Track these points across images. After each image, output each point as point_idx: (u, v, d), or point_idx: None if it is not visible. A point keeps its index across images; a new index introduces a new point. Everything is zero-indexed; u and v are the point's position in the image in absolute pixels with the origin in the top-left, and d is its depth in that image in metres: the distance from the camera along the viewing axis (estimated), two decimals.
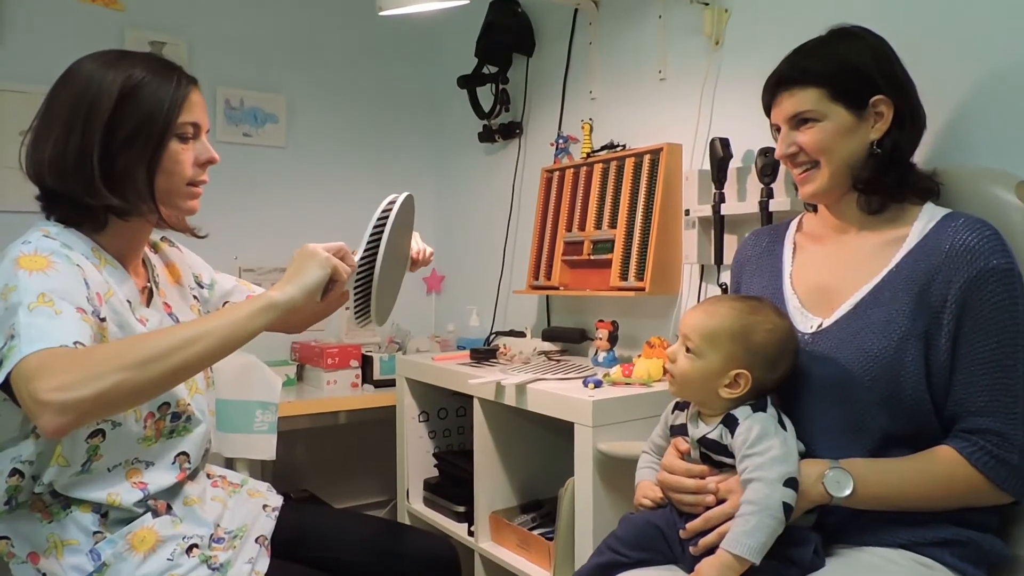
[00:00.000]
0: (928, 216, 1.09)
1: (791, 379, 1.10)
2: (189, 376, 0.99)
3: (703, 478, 1.07)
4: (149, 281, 1.22)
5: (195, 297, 1.32)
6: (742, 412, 1.05)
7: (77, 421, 0.87)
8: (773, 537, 0.96)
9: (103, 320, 1.03)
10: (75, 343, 0.91)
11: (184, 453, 1.18)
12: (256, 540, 1.21)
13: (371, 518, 1.47)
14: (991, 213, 1.08)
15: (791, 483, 0.98)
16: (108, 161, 1.07)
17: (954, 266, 1.01)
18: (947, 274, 1.02)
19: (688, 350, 1.10)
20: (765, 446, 1.01)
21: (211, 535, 1.15)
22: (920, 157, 1.18)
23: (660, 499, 1.14)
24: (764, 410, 1.05)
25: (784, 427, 1.04)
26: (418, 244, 1.35)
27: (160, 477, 1.13)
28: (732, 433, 1.04)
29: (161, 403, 1.14)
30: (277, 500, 1.33)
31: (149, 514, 1.10)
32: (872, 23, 1.17)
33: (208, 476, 1.28)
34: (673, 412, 1.18)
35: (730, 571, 0.95)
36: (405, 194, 1.19)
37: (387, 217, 1.14)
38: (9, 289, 0.95)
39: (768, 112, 1.20)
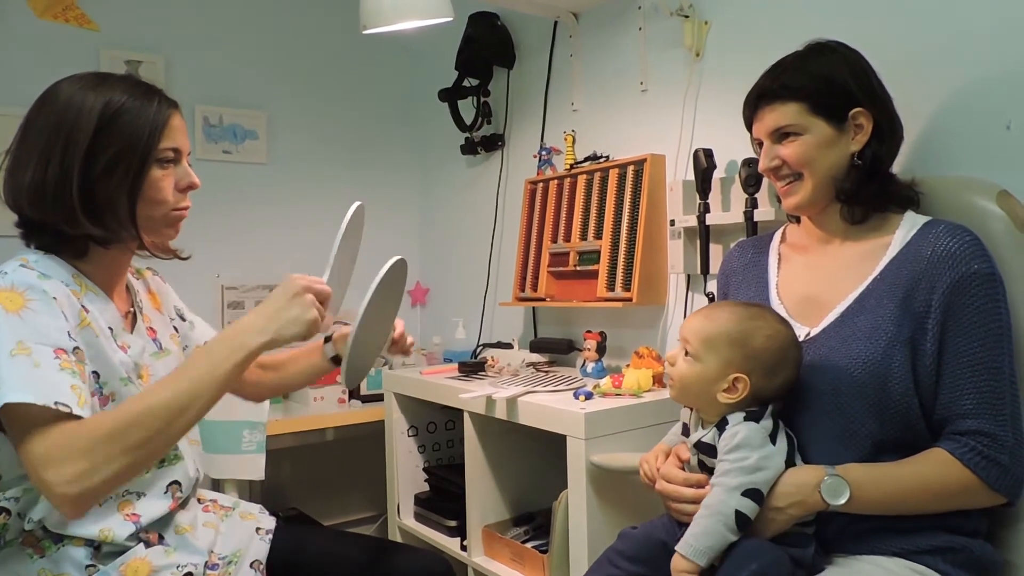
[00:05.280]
0: (910, 224, 1.12)
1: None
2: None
3: (701, 487, 1.07)
4: (132, 306, 1.20)
5: (175, 328, 1.31)
6: (734, 418, 1.06)
7: (93, 503, 0.99)
8: (723, 543, 0.99)
9: (78, 350, 1.02)
10: (56, 403, 0.92)
11: (176, 482, 1.16)
12: (251, 565, 1.20)
13: (364, 537, 1.46)
14: (972, 222, 1.10)
15: (752, 494, 0.99)
16: (88, 190, 1.04)
17: (936, 271, 1.03)
18: (930, 279, 1.03)
19: (687, 353, 1.10)
20: (740, 455, 1.02)
21: (205, 562, 1.14)
22: (897, 168, 1.20)
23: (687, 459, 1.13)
24: (757, 420, 1.05)
25: (774, 442, 1.04)
26: (401, 327, 1.35)
27: (152, 507, 1.12)
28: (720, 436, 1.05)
29: None
30: (270, 522, 1.32)
31: (142, 545, 1.08)
32: (847, 37, 1.19)
33: (199, 501, 1.27)
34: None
35: (680, 572, 1.00)
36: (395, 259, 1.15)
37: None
38: None
39: (749, 127, 1.22)
